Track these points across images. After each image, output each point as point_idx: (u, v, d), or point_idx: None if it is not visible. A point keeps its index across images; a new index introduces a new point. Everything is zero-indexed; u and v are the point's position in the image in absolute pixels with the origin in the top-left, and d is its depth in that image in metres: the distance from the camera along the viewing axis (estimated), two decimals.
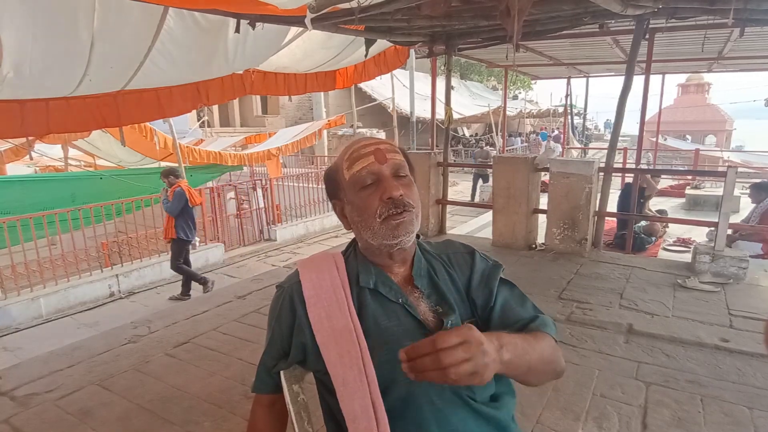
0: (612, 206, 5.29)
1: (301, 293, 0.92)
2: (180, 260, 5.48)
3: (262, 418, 0.99)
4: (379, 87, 15.80)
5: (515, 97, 23.84)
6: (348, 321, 0.87)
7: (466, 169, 15.44)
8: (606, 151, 5.37)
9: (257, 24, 2.92)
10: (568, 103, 13.59)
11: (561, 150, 13.44)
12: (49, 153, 9.16)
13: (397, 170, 0.89)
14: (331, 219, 9.25)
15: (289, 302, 0.94)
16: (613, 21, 4.06)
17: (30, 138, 6.78)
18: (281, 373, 0.94)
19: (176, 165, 5.78)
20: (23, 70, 2.36)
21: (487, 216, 6.79)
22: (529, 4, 2.06)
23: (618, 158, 9.61)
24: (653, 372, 2.46)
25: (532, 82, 18.96)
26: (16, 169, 8.75)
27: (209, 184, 8.14)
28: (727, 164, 11.68)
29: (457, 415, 0.86)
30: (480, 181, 11.37)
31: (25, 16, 2.16)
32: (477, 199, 10.74)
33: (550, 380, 0.92)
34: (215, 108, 17.75)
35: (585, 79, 11.91)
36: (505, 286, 0.97)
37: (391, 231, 0.87)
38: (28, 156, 8.62)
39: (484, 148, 14.46)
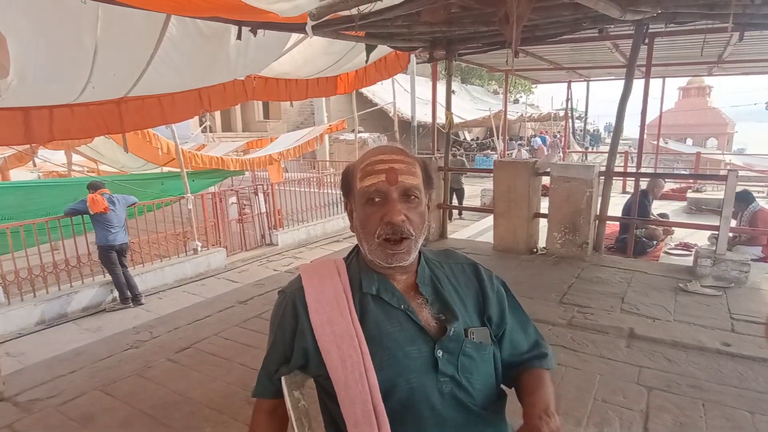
0: (616, 210, 5.29)
1: (303, 299, 0.93)
2: (111, 265, 5.55)
3: (263, 423, 0.99)
4: (380, 92, 15.85)
5: (516, 101, 23.88)
6: (350, 326, 0.88)
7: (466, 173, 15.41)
8: (606, 155, 5.38)
9: (258, 31, 2.94)
10: (569, 107, 13.61)
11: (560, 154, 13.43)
12: (52, 159, 9.21)
13: (406, 192, 0.89)
14: (333, 223, 9.26)
15: (291, 308, 0.94)
16: (612, 26, 4.09)
17: (33, 144, 6.83)
18: (282, 378, 0.95)
19: (100, 179, 6.13)
20: (27, 77, 2.38)
21: (488, 220, 6.81)
22: (527, 11, 2.08)
23: (619, 162, 9.59)
24: (655, 377, 2.46)
25: (533, 86, 18.98)
26: (19, 174, 8.80)
27: (211, 189, 8.17)
28: (728, 167, 11.66)
29: (458, 419, 0.86)
30: (454, 198, 9.19)
31: (30, 24, 2.18)
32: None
33: None
34: (217, 113, 17.84)
35: (585, 83, 11.93)
36: (512, 308, 1.02)
37: (386, 256, 0.89)
38: (31, 162, 8.69)
39: (457, 157, 10.72)
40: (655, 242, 5.75)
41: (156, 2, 2.07)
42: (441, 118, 5.88)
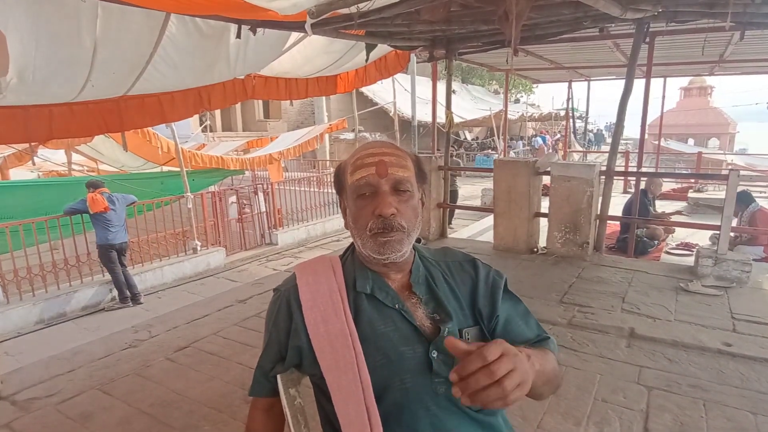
0: (616, 210, 5.28)
1: (297, 297, 0.92)
2: (110, 264, 5.56)
3: (260, 422, 0.98)
4: (380, 91, 15.85)
5: (517, 101, 23.86)
6: (344, 325, 0.87)
7: (466, 172, 15.40)
8: (607, 154, 5.36)
9: (258, 30, 2.94)
10: (570, 106, 13.58)
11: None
12: (52, 158, 9.22)
13: (396, 185, 0.88)
14: (333, 223, 9.26)
15: (285, 306, 0.94)
16: (613, 25, 4.07)
17: (33, 143, 6.84)
18: (278, 376, 0.94)
19: (99, 178, 6.20)
20: (26, 76, 2.38)
21: (489, 220, 6.80)
22: (527, 9, 2.07)
23: (619, 161, 9.56)
24: (655, 376, 2.44)
25: (534, 85, 18.96)
26: (19, 174, 8.80)
27: (211, 188, 8.17)
28: (729, 167, 11.65)
29: (452, 420, 0.85)
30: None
31: (29, 22, 2.18)
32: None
33: (550, 395, 0.94)
34: (217, 112, 17.86)
35: (586, 82, 11.91)
36: (508, 299, 0.97)
37: (378, 247, 0.87)
38: (31, 161, 8.69)
39: (453, 157, 9.70)
40: (656, 242, 5.74)
41: (156, 1, 2.06)
42: (441, 118, 5.87)
